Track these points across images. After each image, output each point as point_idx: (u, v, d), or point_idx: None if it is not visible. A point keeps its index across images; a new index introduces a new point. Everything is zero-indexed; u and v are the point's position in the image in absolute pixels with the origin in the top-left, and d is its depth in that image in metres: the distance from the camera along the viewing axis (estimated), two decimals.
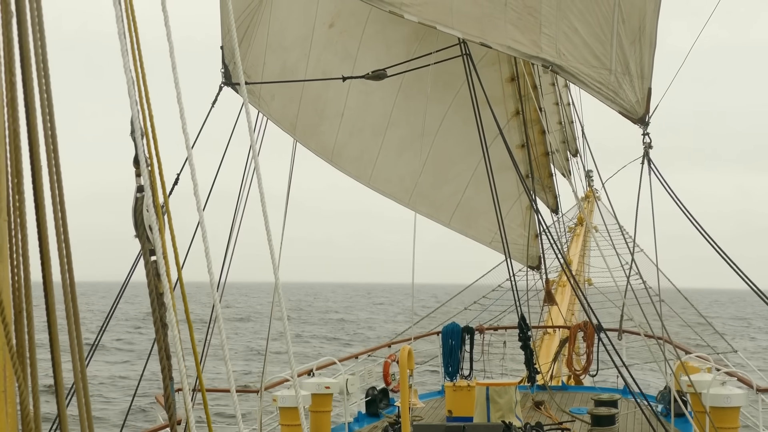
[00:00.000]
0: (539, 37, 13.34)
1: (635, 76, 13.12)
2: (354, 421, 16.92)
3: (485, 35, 13.75)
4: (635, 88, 13.13)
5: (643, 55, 13.09)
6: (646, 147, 13.15)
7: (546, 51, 13.32)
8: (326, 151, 18.51)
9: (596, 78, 13.20)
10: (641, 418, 15.48)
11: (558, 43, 13.26)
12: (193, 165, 4.85)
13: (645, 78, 13.13)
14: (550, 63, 13.40)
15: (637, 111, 13.13)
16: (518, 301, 18.32)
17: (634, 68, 13.10)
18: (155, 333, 4.28)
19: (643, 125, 13.15)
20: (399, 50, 17.73)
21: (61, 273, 3.90)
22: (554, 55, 13.31)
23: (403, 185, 19.73)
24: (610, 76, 13.11)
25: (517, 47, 13.59)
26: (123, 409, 30.74)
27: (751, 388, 14.41)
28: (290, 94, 17.40)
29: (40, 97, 3.83)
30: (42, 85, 3.86)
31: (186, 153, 4.88)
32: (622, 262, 19.17)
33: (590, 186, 31.19)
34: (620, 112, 13.17)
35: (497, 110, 17.60)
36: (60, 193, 3.88)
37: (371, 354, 20.06)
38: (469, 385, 16.75)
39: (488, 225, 20.53)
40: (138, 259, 12.32)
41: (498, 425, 12.41)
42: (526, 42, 13.48)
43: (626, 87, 13.11)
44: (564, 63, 13.30)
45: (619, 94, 13.14)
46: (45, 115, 3.87)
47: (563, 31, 13.23)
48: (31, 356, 3.66)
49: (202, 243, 4.79)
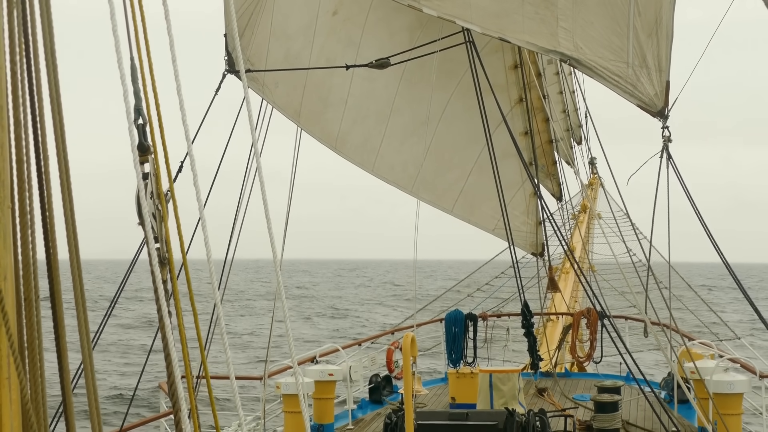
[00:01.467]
0: (557, 30, 13.29)
1: (653, 69, 13.03)
2: (357, 408, 16.96)
3: (503, 30, 13.70)
4: (653, 81, 13.04)
5: (660, 47, 13.01)
6: (665, 140, 13.08)
7: (564, 45, 13.26)
8: (330, 138, 18.50)
9: (614, 71, 13.13)
10: (645, 404, 15.51)
11: (575, 36, 13.20)
12: (192, 157, 4.84)
13: (663, 71, 13.05)
14: (567, 57, 13.34)
15: (656, 104, 13.05)
16: (521, 288, 18.32)
17: (652, 61, 13.02)
18: (158, 321, 4.29)
19: (663, 118, 13.07)
20: (402, 37, 17.70)
21: (69, 259, 3.91)
22: (572, 49, 13.26)
23: (406, 172, 19.72)
24: (628, 69, 13.04)
25: (536, 41, 13.53)
26: (127, 397, 30.84)
27: (754, 374, 14.44)
28: (294, 81, 17.39)
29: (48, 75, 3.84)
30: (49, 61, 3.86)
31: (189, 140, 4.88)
32: (629, 251, 19.19)
33: (594, 173, 31.17)
34: (639, 105, 13.09)
35: (500, 98, 17.57)
36: (67, 177, 3.88)
37: (374, 341, 20.10)
38: (472, 372, 16.78)
39: (491, 212, 20.52)
40: (141, 247, 12.35)
41: (501, 412, 12.41)
42: (544, 36, 13.43)
43: (644, 80, 13.03)
44: (582, 57, 13.24)
45: (638, 87, 13.06)
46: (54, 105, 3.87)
47: (580, 24, 13.16)
48: (38, 344, 3.67)
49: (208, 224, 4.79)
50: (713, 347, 16.23)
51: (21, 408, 3.48)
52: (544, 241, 22.34)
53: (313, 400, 14.95)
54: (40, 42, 3.84)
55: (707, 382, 13.51)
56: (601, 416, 14.21)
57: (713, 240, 12.96)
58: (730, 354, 15.83)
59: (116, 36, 4.14)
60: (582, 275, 16.84)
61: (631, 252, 20.30)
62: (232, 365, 4.90)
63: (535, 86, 20.46)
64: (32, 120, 3.80)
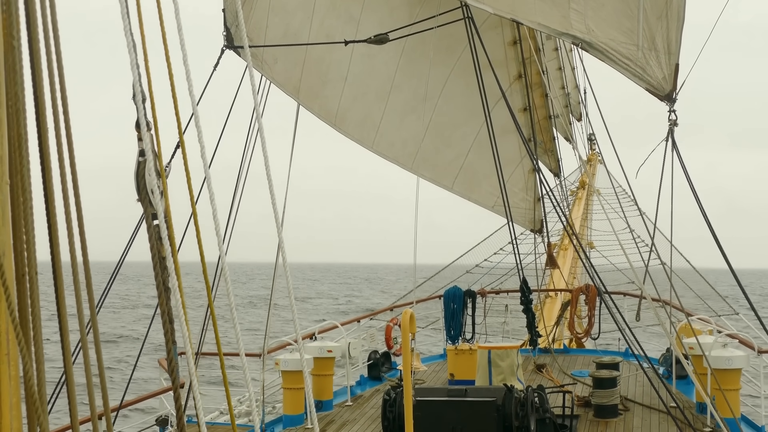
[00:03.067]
0: (568, 12, 13.20)
1: (662, 52, 12.94)
2: (356, 384, 17.02)
3: (515, 11, 13.62)
4: (662, 64, 12.95)
5: (669, 29, 12.91)
6: (671, 124, 13.02)
7: (576, 27, 13.18)
8: (330, 115, 18.46)
9: (624, 54, 13.04)
10: (643, 380, 15.55)
11: (587, 18, 13.11)
12: (200, 127, 4.83)
13: (672, 53, 12.95)
14: (580, 40, 13.25)
15: (664, 87, 12.97)
16: (520, 264, 18.34)
17: (661, 43, 12.92)
18: (158, 297, 4.29)
19: (670, 102, 13.01)
20: (402, 13, 17.64)
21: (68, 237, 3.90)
22: (584, 32, 13.17)
23: (406, 149, 19.69)
24: (638, 52, 12.95)
25: (548, 23, 13.45)
26: (126, 375, 30.90)
27: (752, 349, 14.48)
28: (293, 57, 17.33)
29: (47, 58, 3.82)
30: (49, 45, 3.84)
31: (189, 115, 4.86)
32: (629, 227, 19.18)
33: (593, 149, 31.17)
34: (647, 88, 13.00)
35: (500, 74, 17.52)
36: (71, 151, 3.87)
37: (373, 317, 20.14)
38: (471, 348, 16.81)
39: (491, 189, 20.51)
40: (140, 223, 12.33)
41: (500, 388, 12.45)
42: (556, 18, 13.34)
43: (653, 63, 12.94)
44: (593, 39, 13.15)
45: (647, 70, 12.97)
46: (52, 71, 3.85)
47: (591, 6, 13.07)
48: (35, 320, 3.67)
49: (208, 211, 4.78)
50: (712, 323, 16.26)
51: (24, 384, 3.49)
52: (543, 217, 22.34)
53: (312, 376, 14.99)
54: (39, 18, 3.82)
55: (706, 357, 13.55)
56: (600, 392, 14.25)
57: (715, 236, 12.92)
58: (729, 329, 15.87)
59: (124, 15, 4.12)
60: (582, 250, 16.85)
61: (631, 228, 20.30)
62: (242, 341, 4.89)
63: (533, 62, 20.41)
64: (33, 95, 3.79)
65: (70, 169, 3.91)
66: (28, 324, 3.62)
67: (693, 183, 12.71)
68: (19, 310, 3.58)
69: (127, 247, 13.96)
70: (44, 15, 3.84)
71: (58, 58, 3.91)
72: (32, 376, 3.49)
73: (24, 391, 3.51)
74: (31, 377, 3.46)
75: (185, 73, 4.71)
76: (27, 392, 3.48)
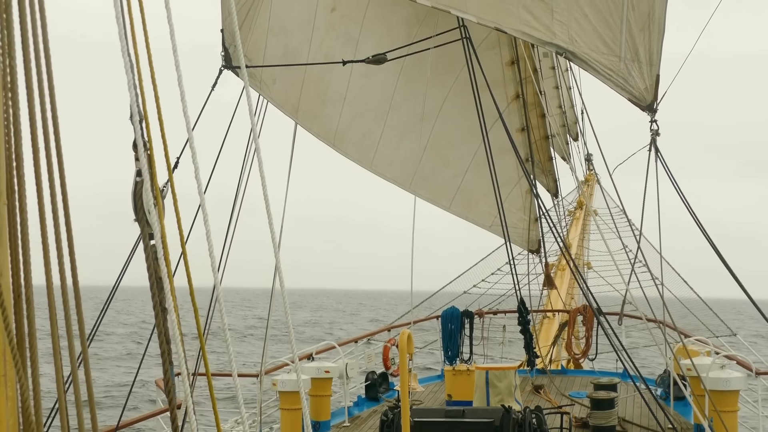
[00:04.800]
0: (552, 23, 13.30)
1: (644, 63, 13.06)
2: (353, 405, 16.96)
3: (499, 20, 13.70)
4: (644, 74, 13.07)
5: (652, 41, 13.03)
6: (653, 134, 13.10)
7: (559, 37, 13.28)
8: (328, 134, 18.48)
9: (606, 65, 13.15)
10: (641, 401, 15.52)
11: (570, 29, 13.21)
12: (194, 149, 4.84)
13: (653, 65, 13.08)
14: (563, 49, 13.35)
15: (646, 98, 13.08)
16: (517, 285, 18.32)
17: (643, 55, 13.05)
18: (155, 317, 4.28)
19: (651, 112, 13.09)
20: (400, 33, 17.69)
21: (58, 259, 3.90)
22: (567, 41, 13.26)
23: (404, 169, 19.71)
24: (620, 62, 13.06)
25: (531, 32, 13.54)
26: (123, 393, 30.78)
27: (750, 371, 14.45)
28: (292, 77, 17.36)
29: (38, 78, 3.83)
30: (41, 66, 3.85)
31: (186, 137, 4.87)
32: (625, 246, 19.19)
33: (590, 170, 31.16)
34: (629, 99, 13.12)
35: (497, 94, 17.57)
36: (62, 175, 3.88)
37: (371, 338, 20.09)
38: (468, 369, 16.78)
39: (488, 209, 20.52)
40: (137, 243, 12.30)
41: (498, 409, 12.41)
42: (539, 28, 13.44)
43: (635, 74, 13.06)
44: (576, 49, 13.25)
45: (629, 80, 13.09)
46: (43, 96, 3.86)
47: (574, 17, 13.18)
48: (31, 341, 3.66)
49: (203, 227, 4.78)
50: (709, 344, 16.24)
51: (21, 406, 3.47)
52: (540, 237, 22.34)
53: (310, 397, 14.95)
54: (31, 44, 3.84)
55: (703, 378, 13.52)
56: (598, 413, 14.21)
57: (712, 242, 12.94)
58: (726, 350, 15.84)
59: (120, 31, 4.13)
60: (577, 272, 16.84)
61: (627, 249, 20.30)
62: (234, 362, 4.88)
63: (531, 82, 20.45)
64: (30, 118, 3.80)
65: (61, 189, 3.91)
66: (24, 345, 3.61)
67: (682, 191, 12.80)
68: (16, 332, 3.57)
69: (123, 268, 13.93)
70: (36, 43, 3.85)
71: (49, 79, 3.91)
72: (28, 398, 3.48)
73: (20, 414, 3.50)
74: (27, 399, 3.45)
75: (180, 94, 4.72)
76: (23, 414, 3.47)
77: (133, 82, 4.26)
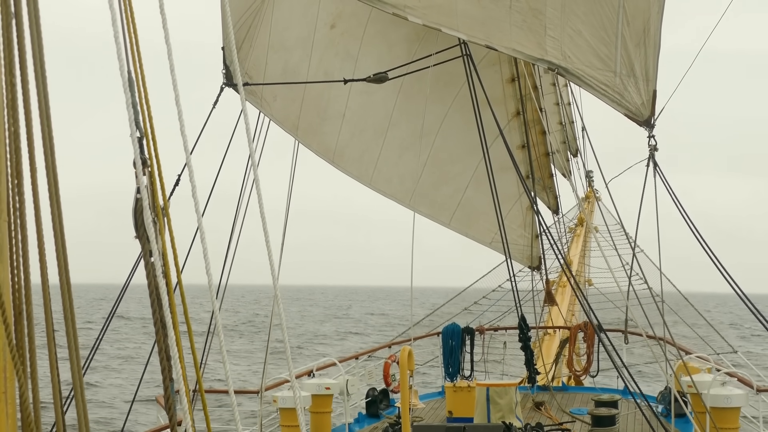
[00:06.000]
0: (544, 39, 13.32)
1: (640, 78, 13.08)
2: (354, 421, 16.92)
3: (490, 38, 13.72)
4: (640, 90, 13.09)
5: (647, 57, 13.05)
6: (651, 149, 13.12)
7: (551, 53, 13.29)
8: (328, 152, 18.50)
9: (601, 80, 13.17)
10: (642, 418, 15.49)
11: (563, 45, 13.23)
12: (191, 168, 4.85)
13: (650, 80, 13.10)
14: (555, 65, 13.36)
15: (643, 113, 13.09)
16: (518, 301, 18.31)
17: (639, 70, 13.06)
18: (155, 334, 4.28)
19: (649, 127, 13.11)
20: (400, 50, 17.73)
21: (59, 274, 3.91)
22: (559, 58, 13.29)
23: (403, 186, 19.71)
24: (615, 78, 13.08)
25: (522, 50, 13.56)
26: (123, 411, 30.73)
27: (751, 388, 14.43)
28: (292, 95, 17.40)
29: (38, 99, 3.84)
30: (39, 87, 3.87)
31: (186, 154, 4.88)
32: (624, 263, 19.19)
33: (591, 186, 31.16)
34: (626, 114, 13.13)
35: (498, 111, 17.60)
36: (57, 194, 3.89)
37: (371, 355, 20.06)
38: (469, 385, 16.75)
39: (488, 225, 20.52)
40: (138, 261, 12.32)
41: (498, 426, 12.42)
42: (530, 44, 13.45)
43: (631, 89, 13.07)
44: (569, 65, 13.26)
45: (625, 96, 13.10)
46: (43, 118, 3.88)
47: (568, 33, 13.20)
48: (32, 357, 3.67)
49: (201, 245, 4.80)
50: (710, 361, 16.22)
51: (22, 422, 3.48)
52: (540, 254, 22.33)
53: (310, 414, 14.92)
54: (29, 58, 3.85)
55: (704, 396, 13.50)
56: (598, 430, 14.20)
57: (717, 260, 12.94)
58: (727, 367, 15.82)
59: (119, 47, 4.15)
60: (578, 289, 16.83)
61: (626, 265, 20.29)
62: (231, 379, 4.88)
63: (531, 99, 20.49)
64: (27, 135, 3.81)
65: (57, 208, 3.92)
66: (26, 362, 3.62)
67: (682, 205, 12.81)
68: (17, 347, 3.58)
69: (125, 285, 13.97)
70: (35, 57, 3.87)
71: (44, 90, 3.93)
72: (30, 413, 3.48)
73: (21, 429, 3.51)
74: (29, 415, 3.46)
75: (177, 113, 4.74)
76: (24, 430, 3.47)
77: (132, 100, 4.28)
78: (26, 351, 3.65)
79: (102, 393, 38.56)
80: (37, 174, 3.82)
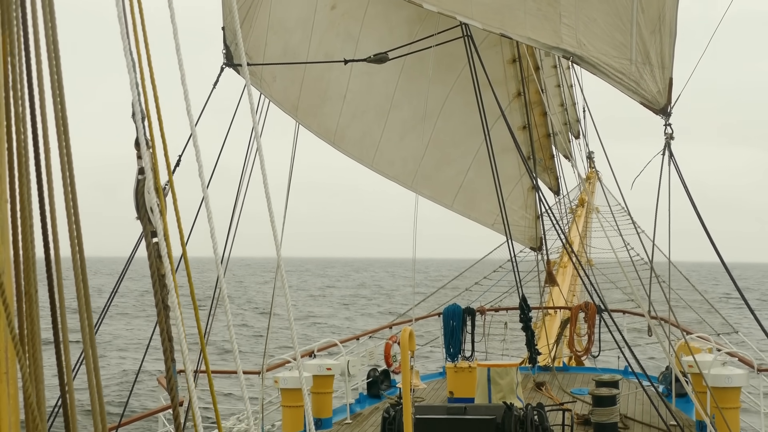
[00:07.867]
0: (559, 27, 13.24)
1: (656, 66, 12.99)
2: (355, 402, 16.98)
3: (505, 26, 13.65)
4: (656, 78, 13.00)
5: (663, 44, 12.96)
6: (667, 138, 13.04)
7: (566, 41, 13.22)
8: (328, 133, 18.47)
9: (617, 68, 13.08)
10: (643, 398, 15.53)
11: (578, 33, 13.15)
12: (197, 146, 4.84)
13: (666, 68, 13.01)
14: (570, 53, 13.29)
15: (659, 101, 13.01)
16: (519, 282, 18.33)
17: (655, 58, 12.97)
18: (157, 315, 4.28)
19: (665, 116, 13.03)
20: (401, 31, 17.68)
21: (71, 249, 3.90)
22: (575, 46, 13.21)
23: (405, 168, 19.69)
24: (631, 66, 13.00)
25: (538, 38, 13.49)
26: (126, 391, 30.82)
27: (751, 368, 14.47)
28: (292, 75, 17.36)
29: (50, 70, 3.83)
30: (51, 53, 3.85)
31: (188, 133, 4.87)
32: (627, 245, 19.19)
33: (592, 167, 31.17)
34: (642, 102, 13.04)
35: (499, 92, 17.56)
36: (70, 167, 3.88)
37: (372, 335, 20.10)
38: (470, 366, 16.79)
39: (490, 207, 20.51)
40: (140, 241, 12.33)
41: (499, 406, 12.43)
42: (546, 32, 13.38)
43: (647, 77, 12.98)
44: (585, 53, 13.19)
45: (641, 84, 13.01)
46: (55, 89, 3.86)
47: (583, 21, 13.12)
48: (35, 339, 3.66)
49: (207, 223, 4.79)
50: (711, 341, 16.25)
51: (24, 403, 3.48)
52: (542, 235, 22.34)
53: (311, 394, 14.96)
54: (41, 31, 3.83)
55: (705, 375, 13.53)
56: (599, 410, 14.21)
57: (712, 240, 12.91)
58: (728, 347, 15.86)
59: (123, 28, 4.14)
60: (581, 268, 16.85)
61: (629, 246, 20.30)
62: (239, 359, 4.89)
63: (533, 80, 20.44)
64: (30, 112, 3.79)
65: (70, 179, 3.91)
66: (28, 343, 3.61)
67: (693, 198, 12.74)
68: (19, 329, 3.58)
69: (126, 266, 13.98)
70: (46, 29, 3.85)
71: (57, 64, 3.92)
72: (32, 394, 3.48)
73: (24, 411, 3.51)
74: (30, 395, 3.46)
75: (183, 93, 4.72)
76: (27, 411, 3.48)
77: (135, 81, 4.26)
78: (33, 332, 3.64)
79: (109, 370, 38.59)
80: (49, 140, 3.81)
